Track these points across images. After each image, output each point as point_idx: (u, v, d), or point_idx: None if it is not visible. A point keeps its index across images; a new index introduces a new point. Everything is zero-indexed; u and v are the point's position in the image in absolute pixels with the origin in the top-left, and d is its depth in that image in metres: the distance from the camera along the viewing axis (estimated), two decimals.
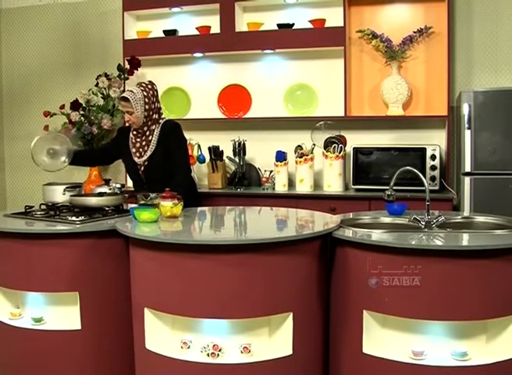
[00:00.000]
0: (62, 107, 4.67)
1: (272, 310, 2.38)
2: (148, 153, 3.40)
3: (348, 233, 2.51)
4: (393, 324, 2.42)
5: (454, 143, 4.11)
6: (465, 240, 2.51)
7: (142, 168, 3.42)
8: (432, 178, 3.91)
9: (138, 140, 3.44)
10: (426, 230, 2.59)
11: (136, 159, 3.44)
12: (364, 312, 2.40)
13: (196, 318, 2.42)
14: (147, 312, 2.46)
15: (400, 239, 2.38)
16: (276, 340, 2.44)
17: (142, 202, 2.90)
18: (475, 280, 2.26)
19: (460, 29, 4.17)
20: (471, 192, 3.63)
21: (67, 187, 3.21)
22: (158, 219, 2.70)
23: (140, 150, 3.43)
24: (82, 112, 4.62)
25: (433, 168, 3.90)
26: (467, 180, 3.65)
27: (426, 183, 2.67)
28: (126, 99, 3.35)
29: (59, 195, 3.20)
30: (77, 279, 2.67)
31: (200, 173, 4.65)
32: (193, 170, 4.04)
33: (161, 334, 2.48)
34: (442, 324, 2.37)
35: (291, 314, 2.39)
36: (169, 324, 2.49)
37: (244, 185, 4.41)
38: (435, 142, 4.09)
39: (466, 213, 3.45)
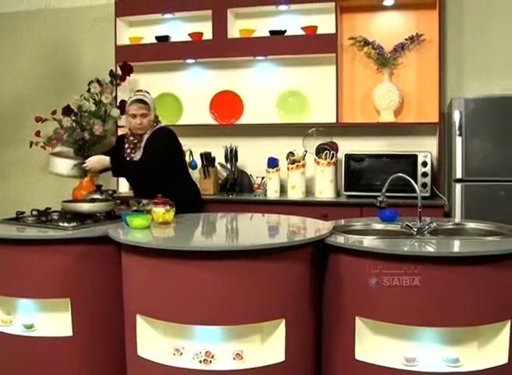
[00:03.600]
0: (54, 112, 4.64)
1: (265, 317, 2.37)
2: (137, 156, 3.41)
3: (341, 239, 2.52)
4: (386, 331, 2.41)
5: (445, 150, 4.13)
6: (457, 246, 2.53)
7: None
8: (424, 185, 3.92)
9: (132, 145, 3.46)
10: (418, 236, 2.60)
11: None
12: (357, 318, 2.40)
13: (188, 325, 2.40)
14: (139, 318, 2.45)
15: (393, 245, 2.39)
16: (269, 346, 2.43)
17: (134, 208, 2.90)
18: (467, 287, 2.27)
19: (451, 37, 4.20)
20: (462, 199, 3.64)
21: (77, 163, 3.20)
22: (150, 226, 2.70)
23: (132, 155, 3.45)
24: (74, 118, 4.60)
25: (424, 175, 3.91)
26: (458, 186, 3.66)
27: (418, 190, 2.69)
28: (143, 102, 3.37)
29: (63, 168, 3.18)
30: (69, 285, 2.65)
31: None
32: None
33: (153, 341, 2.46)
34: (434, 331, 2.37)
35: (283, 320, 2.38)
36: (161, 331, 2.47)
37: (236, 191, 4.41)
38: (426, 149, 4.10)
39: (457, 220, 3.47)
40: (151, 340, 2.46)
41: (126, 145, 3.49)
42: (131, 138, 3.49)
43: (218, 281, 2.32)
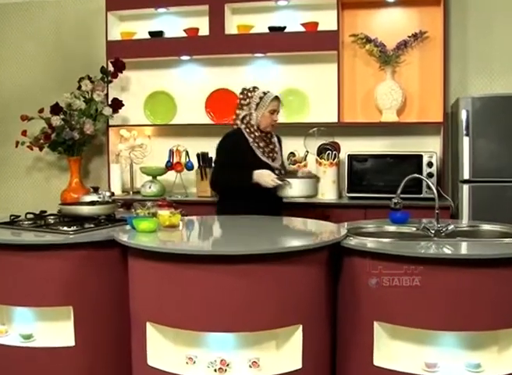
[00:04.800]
0: (41, 111, 4.47)
1: (282, 323, 2.29)
2: (279, 159, 3.39)
3: (357, 242, 2.43)
4: (404, 335, 2.35)
5: (449, 150, 4.07)
6: (477, 249, 2.47)
7: (276, 172, 3.28)
8: (429, 186, 3.86)
9: (267, 144, 3.35)
10: (436, 238, 2.54)
11: (270, 162, 3.31)
12: (375, 323, 2.33)
13: (202, 332, 2.31)
14: (149, 326, 2.34)
15: (411, 248, 2.34)
16: (285, 353, 2.35)
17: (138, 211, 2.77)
18: (487, 290, 2.22)
19: (455, 34, 4.16)
20: (469, 200, 3.59)
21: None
22: (156, 229, 2.57)
23: (271, 154, 3.35)
24: (62, 117, 4.44)
25: (430, 175, 3.84)
26: (465, 187, 3.62)
27: (435, 191, 2.64)
28: (279, 99, 3.34)
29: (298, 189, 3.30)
30: (71, 292, 2.53)
31: (189, 180, 4.49)
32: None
33: (164, 350, 2.36)
34: (453, 335, 2.32)
35: (300, 326, 2.30)
36: (173, 339, 2.37)
37: None
38: (429, 149, 4.05)
39: (465, 221, 3.45)
40: (162, 348, 2.36)
41: (262, 144, 3.32)
42: (259, 134, 3.32)
43: (232, 287, 2.23)
